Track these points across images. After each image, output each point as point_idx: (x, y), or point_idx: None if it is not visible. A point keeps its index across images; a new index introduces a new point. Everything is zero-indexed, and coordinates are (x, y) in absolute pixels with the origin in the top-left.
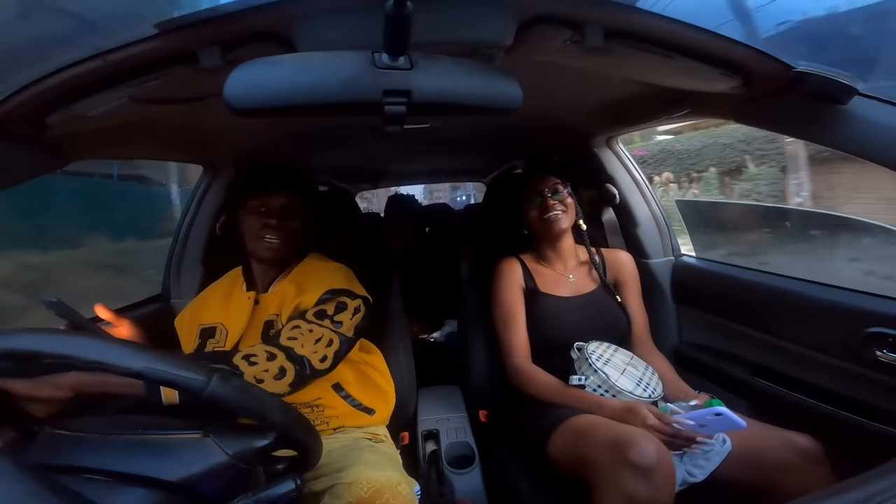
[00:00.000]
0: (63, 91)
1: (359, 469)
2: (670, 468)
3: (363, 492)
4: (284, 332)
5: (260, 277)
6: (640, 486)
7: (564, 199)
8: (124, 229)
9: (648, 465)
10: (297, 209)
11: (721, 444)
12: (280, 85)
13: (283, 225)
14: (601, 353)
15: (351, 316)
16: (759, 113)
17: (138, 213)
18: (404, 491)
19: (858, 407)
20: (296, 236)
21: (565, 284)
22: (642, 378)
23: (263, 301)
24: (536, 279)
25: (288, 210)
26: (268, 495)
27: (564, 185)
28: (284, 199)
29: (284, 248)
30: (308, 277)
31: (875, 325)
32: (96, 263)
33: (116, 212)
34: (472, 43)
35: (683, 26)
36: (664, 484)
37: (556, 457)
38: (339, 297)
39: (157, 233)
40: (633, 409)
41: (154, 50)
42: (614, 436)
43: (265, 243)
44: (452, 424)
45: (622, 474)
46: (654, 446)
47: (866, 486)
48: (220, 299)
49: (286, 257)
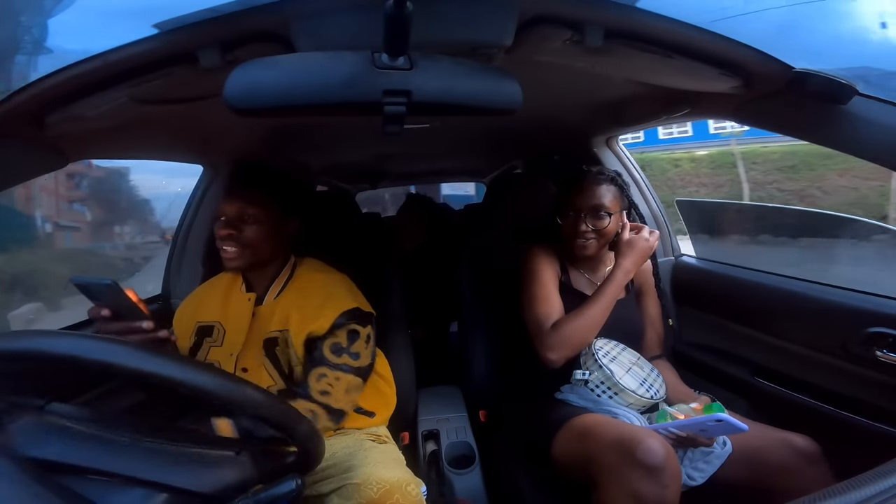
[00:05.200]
0: (63, 91)
1: (368, 469)
2: (677, 467)
3: (373, 492)
4: (313, 383)
5: (254, 281)
6: (647, 485)
7: (602, 227)
8: None
9: (656, 464)
10: (254, 216)
11: (721, 446)
12: (280, 85)
13: (238, 235)
14: (608, 349)
15: (365, 344)
16: (759, 113)
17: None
18: (413, 491)
19: (858, 407)
20: (254, 245)
21: (593, 287)
22: (646, 379)
23: (261, 313)
24: (570, 274)
25: (243, 217)
26: (268, 495)
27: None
28: (239, 206)
29: (242, 257)
30: (310, 295)
31: (875, 325)
32: None
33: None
34: (471, 43)
35: (683, 26)
36: (671, 483)
37: (561, 457)
38: (351, 325)
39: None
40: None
41: (154, 50)
42: (620, 434)
43: (223, 253)
44: (452, 424)
45: (630, 473)
46: (661, 445)
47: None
48: (219, 297)
49: (252, 264)
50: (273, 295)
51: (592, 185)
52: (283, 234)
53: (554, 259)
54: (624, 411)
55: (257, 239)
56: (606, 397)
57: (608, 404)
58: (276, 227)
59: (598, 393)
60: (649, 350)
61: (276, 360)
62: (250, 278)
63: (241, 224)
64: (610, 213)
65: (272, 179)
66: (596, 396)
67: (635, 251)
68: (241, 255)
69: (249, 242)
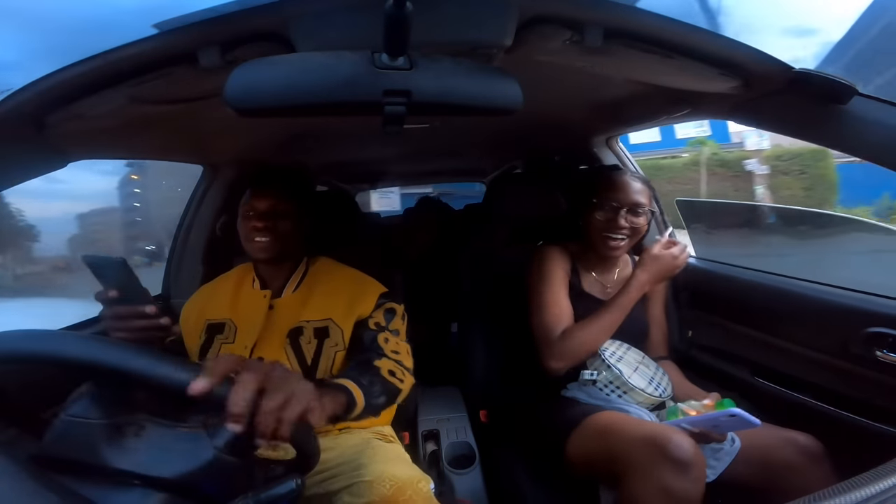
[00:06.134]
0: (63, 91)
1: (379, 466)
2: (704, 462)
3: (386, 489)
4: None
5: (269, 277)
6: (678, 480)
7: (640, 224)
8: None
9: (687, 460)
10: (285, 211)
11: (731, 443)
12: (280, 85)
13: (272, 226)
14: (614, 350)
15: (402, 320)
16: (759, 113)
17: None
18: (425, 488)
19: (858, 407)
20: (286, 237)
21: (603, 293)
22: (654, 377)
23: (279, 306)
24: (581, 276)
25: (275, 212)
26: (268, 495)
27: (650, 201)
28: (271, 202)
29: (275, 248)
30: (344, 284)
31: (875, 325)
32: None
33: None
34: (471, 43)
35: (683, 26)
36: (699, 477)
37: (577, 455)
38: (388, 303)
39: None
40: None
41: (154, 50)
42: (649, 431)
43: (256, 244)
44: (452, 424)
45: (660, 469)
46: (689, 441)
47: (866, 486)
48: (229, 294)
49: (281, 255)
50: (291, 289)
51: (632, 182)
52: (303, 231)
53: (566, 259)
54: (636, 409)
55: (288, 232)
56: (616, 396)
57: (618, 402)
58: (300, 222)
59: (607, 392)
60: (654, 350)
61: (299, 349)
62: (264, 274)
63: (274, 218)
64: (646, 212)
65: (296, 179)
66: (605, 395)
67: (658, 267)
68: (274, 245)
69: (280, 234)
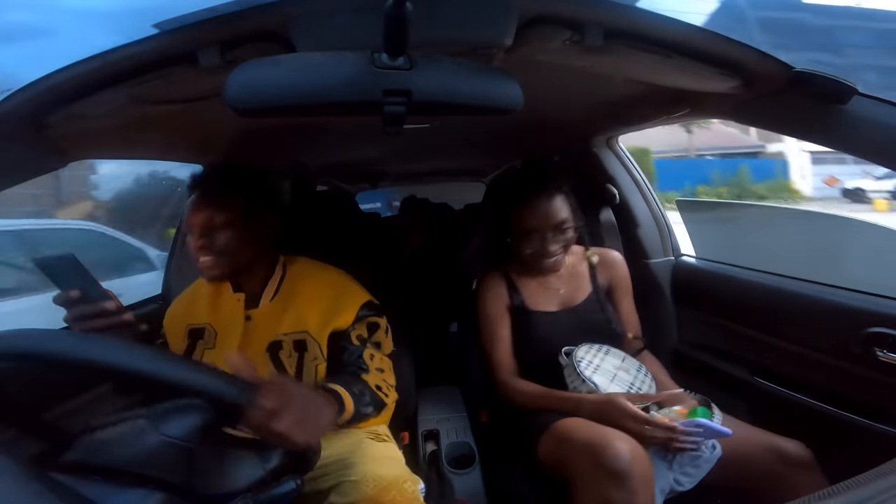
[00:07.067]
0: (63, 91)
1: (365, 467)
2: (645, 471)
3: (370, 489)
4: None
5: (243, 281)
6: (615, 492)
7: (569, 238)
8: None
9: (621, 470)
10: (225, 222)
11: (711, 450)
12: (280, 85)
13: (210, 244)
14: (590, 359)
15: (385, 334)
16: (759, 113)
17: None
18: (410, 488)
19: (859, 407)
20: (232, 252)
21: (554, 297)
22: (633, 382)
23: (257, 318)
24: (524, 293)
25: (212, 225)
26: (268, 496)
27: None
28: (205, 214)
29: (220, 266)
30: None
31: (875, 325)
32: None
33: None
34: (471, 43)
35: (683, 26)
36: (639, 488)
37: (545, 462)
38: (371, 317)
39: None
40: (610, 401)
41: (154, 50)
42: (589, 438)
43: (200, 265)
44: (452, 424)
45: (597, 479)
46: (627, 448)
47: (865, 486)
48: (208, 299)
49: (234, 272)
50: (268, 297)
51: (550, 202)
52: (262, 234)
53: (503, 285)
54: None
55: (232, 245)
56: None
57: None
58: (251, 228)
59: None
60: (631, 345)
61: (280, 365)
62: (237, 278)
63: (212, 233)
64: (571, 225)
65: (237, 180)
66: None
67: (612, 417)
68: (218, 263)
69: (224, 249)
